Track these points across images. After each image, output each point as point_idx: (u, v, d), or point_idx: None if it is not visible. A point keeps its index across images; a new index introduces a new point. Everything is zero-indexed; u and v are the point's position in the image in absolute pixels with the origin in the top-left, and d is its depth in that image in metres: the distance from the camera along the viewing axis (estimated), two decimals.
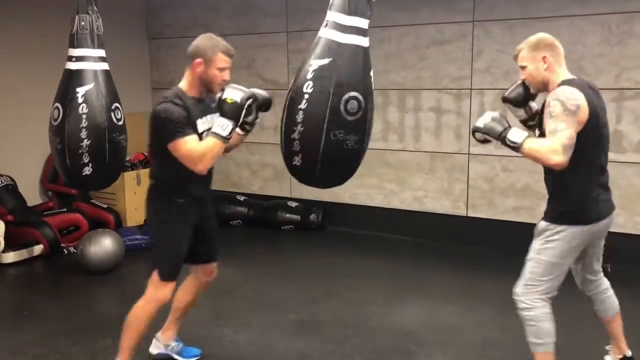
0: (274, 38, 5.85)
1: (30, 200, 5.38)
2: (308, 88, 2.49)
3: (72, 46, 3.22)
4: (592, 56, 4.55)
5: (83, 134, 3.10)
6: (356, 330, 3.58)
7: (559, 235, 2.58)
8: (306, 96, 2.48)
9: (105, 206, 5.53)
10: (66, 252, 4.98)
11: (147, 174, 2.97)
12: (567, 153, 2.39)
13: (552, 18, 4.63)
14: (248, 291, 4.21)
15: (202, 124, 2.73)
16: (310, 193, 5.83)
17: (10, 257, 4.74)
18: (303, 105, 2.49)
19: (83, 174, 3.15)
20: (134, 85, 6.20)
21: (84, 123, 3.11)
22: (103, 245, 4.54)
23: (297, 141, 2.52)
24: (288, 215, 5.73)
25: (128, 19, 6.33)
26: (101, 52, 3.27)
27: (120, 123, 3.25)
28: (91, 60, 3.22)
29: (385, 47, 5.27)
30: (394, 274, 4.59)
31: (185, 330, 3.49)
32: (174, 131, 2.57)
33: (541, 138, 2.52)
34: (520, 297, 2.66)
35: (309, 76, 2.49)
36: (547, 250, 2.60)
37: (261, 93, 2.78)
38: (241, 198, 5.98)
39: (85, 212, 5.34)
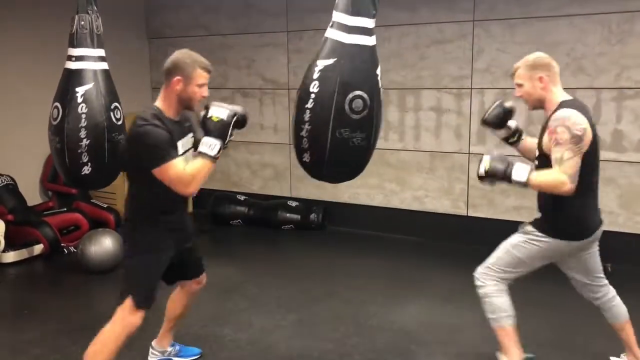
0: (274, 38, 5.85)
1: (30, 199, 5.38)
2: (314, 88, 2.57)
3: (72, 46, 3.22)
4: (593, 55, 4.55)
5: (82, 134, 3.11)
6: (356, 330, 3.58)
7: (540, 242, 2.68)
8: (312, 95, 2.57)
9: (105, 206, 5.53)
10: (66, 252, 4.98)
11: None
12: (575, 180, 2.47)
13: (553, 17, 4.63)
14: (248, 291, 4.20)
15: (182, 146, 2.65)
16: (310, 193, 5.85)
17: (10, 257, 4.74)
18: (310, 104, 2.58)
19: (82, 173, 3.16)
20: (134, 85, 6.19)
21: (84, 122, 3.11)
22: (103, 244, 4.54)
23: (306, 139, 2.62)
24: (288, 214, 5.73)
25: (128, 19, 6.33)
26: (101, 52, 3.27)
27: (119, 123, 3.25)
28: (91, 59, 3.22)
29: (385, 47, 5.26)
30: (394, 274, 4.58)
31: (185, 330, 3.50)
32: (160, 155, 2.46)
33: (546, 170, 2.57)
34: (477, 275, 2.82)
35: (315, 76, 2.57)
36: (522, 248, 2.71)
37: (239, 110, 2.66)
38: (241, 198, 5.98)
39: (85, 212, 5.34)
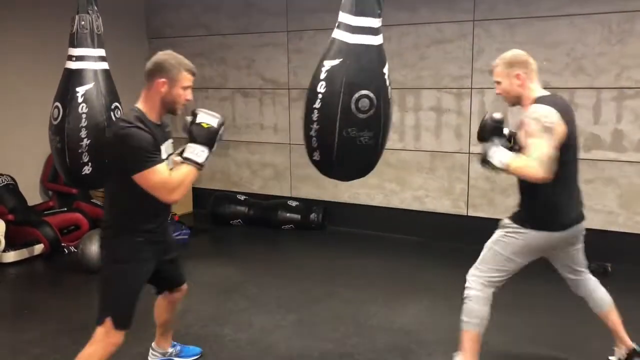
0: (274, 37, 5.85)
1: (30, 199, 5.38)
2: (321, 88, 2.61)
3: (72, 46, 3.22)
4: (593, 55, 4.55)
5: (83, 133, 3.12)
6: (356, 330, 3.58)
7: (517, 234, 2.70)
8: (320, 96, 2.61)
9: None
10: (67, 252, 4.98)
11: None
12: (547, 167, 2.47)
13: (553, 17, 4.63)
14: (248, 291, 4.20)
15: (165, 151, 2.50)
16: (310, 192, 5.86)
17: (10, 257, 4.74)
18: (317, 104, 2.62)
19: (83, 173, 3.17)
20: (134, 85, 6.14)
21: (84, 122, 3.12)
22: None
23: (315, 138, 2.66)
24: (288, 214, 5.73)
25: (128, 19, 6.33)
26: (101, 52, 3.28)
27: None
28: (91, 59, 3.23)
29: (385, 47, 5.23)
30: (394, 274, 4.58)
31: (185, 330, 3.50)
32: (145, 159, 2.31)
33: (520, 155, 2.61)
34: (467, 277, 2.83)
35: (322, 76, 2.61)
36: (503, 243, 2.73)
37: (223, 121, 2.55)
38: (241, 197, 5.98)
39: (85, 212, 5.33)
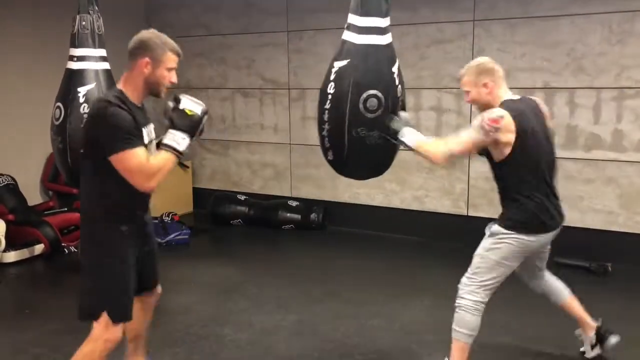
0: (274, 37, 5.85)
1: (30, 199, 5.37)
2: (331, 89, 2.64)
3: (74, 46, 3.23)
4: (593, 55, 4.55)
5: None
6: (357, 330, 3.58)
7: (508, 239, 2.72)
8: (329, 96, 2.64)
9: None
10: (67, 252, 4.97)
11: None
12: (450, 157, 2.64)
13: (553, 17, 4.63)
14: (248, 291, 4.20)
15: (147, 135, 2.37)
16: (310, 192, 5.86)
17: (11, 257, 4.73)
18: (327, 105, 2.66)
19: None
20: None
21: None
22: None
23: (327, 138, 2.70)
24: (288, 214, 5.73)
25: (128, 19, 6.30)
26: (102, 52, 3.29)
27: None
28: (92, 59, 3.24)
29: None
30: (395, 274, 4.58)
31: (185, 330, 3.50)
32: (123, 139, 2.19)
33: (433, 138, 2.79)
34: (461, 286, 2.80)
35: (332, 77, 2.64)
36: (495, 250, 2.74)
37: (207, 110, 2.45)
38: (241, 197, 5.97)
39: None
